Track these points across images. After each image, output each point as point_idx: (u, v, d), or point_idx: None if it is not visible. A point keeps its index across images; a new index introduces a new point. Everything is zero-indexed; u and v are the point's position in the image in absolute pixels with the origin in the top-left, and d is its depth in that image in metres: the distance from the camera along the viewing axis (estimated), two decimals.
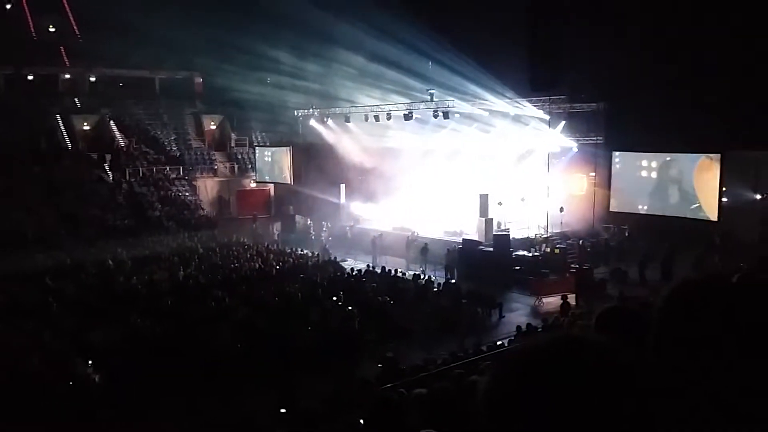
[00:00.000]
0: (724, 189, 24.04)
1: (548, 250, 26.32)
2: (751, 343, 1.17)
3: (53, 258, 27.56)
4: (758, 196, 27.33)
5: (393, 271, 24.35)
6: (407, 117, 31.42)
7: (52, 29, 51.35)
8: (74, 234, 32.93)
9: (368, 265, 26.75)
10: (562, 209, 28.03)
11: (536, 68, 32.24)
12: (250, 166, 44.80)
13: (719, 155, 23.76)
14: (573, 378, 1.02)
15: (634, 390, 1.04)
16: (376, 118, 32.85)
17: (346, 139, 36.35)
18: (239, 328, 17.21)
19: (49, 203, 35.82)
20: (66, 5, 51.80)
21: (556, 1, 33.92)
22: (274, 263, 26.97)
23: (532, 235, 28.04)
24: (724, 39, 26.41)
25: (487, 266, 24.76)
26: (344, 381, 12.90)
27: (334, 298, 20.27)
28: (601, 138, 28.22)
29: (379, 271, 24.98)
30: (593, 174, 28.75)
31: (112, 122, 44.44)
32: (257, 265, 26.31)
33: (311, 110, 38.23)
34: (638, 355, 1.13)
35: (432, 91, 30.93)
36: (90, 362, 15.04)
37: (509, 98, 29.41)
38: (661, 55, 28.61)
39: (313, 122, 38.14)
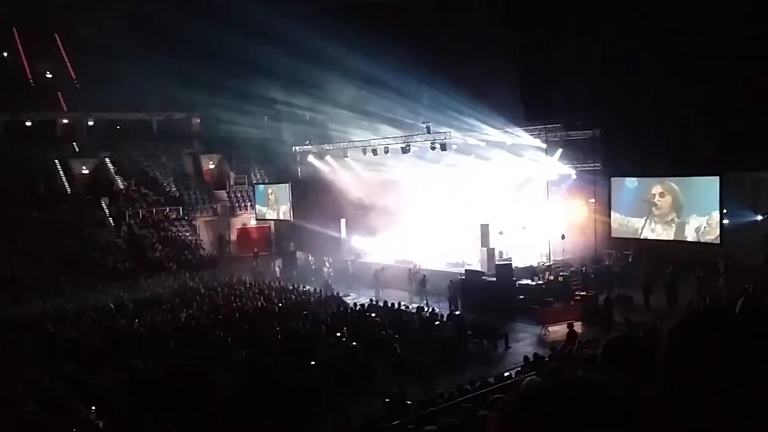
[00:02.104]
0: (725, 211, 23.99)
1: (552, 278, 26.17)
2: (758, 376, 1.18)
3: (53, 303, 27.44)
4: (759, 217, 27.27)
5: (396, 305, 24.20)
6: (405, 150, 31.53)
7: (49, 75, 51.86)
8: (74, 278, 32.84)
9: (371, 299, 26.61)
10: (563, 236, 27.97)
11: (530, 98, 32.55)
12: (249, 203, 44.87)
13: (717, 177, 23.77)
14: (578, 423, 1.05)
15: None
16: (374, 152, 32.96)
17: (344, 174, 36.45)
18: (242, 368, 17.02)
19: (49, 248, 35.79)
20: (62, 51, 52.38)
21: (547, 31, 34.39)
22: (277, 301, 26.83)
23: (534, 264, 27.91)
24: (718, 60, 26.62)
25: (491, 296, 24.58)
26: (350, 418, 12.73)
27: (338, 334, 20.11)
28: (598, 164, 28.26)
29: (382, 304, 24.83)
30: (593, 200, 28.74)
31: (110, 165, 44.65)
32: (259, 304, 26.16)
33: (309, 146, 38.39)
34: (642, 396, 1.15)
35: (428, 124, 31.06)
36: (93, 407, 14.85)
37: (505, 128, 29.54)
38: (655, 79, 28.82)
39: (311, 158, 38.28)
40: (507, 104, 30.35)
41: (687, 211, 24.78)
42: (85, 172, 44.26)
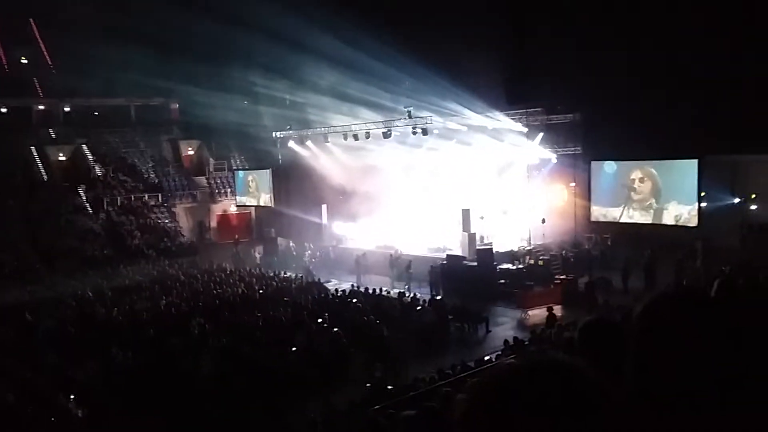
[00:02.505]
0: (702, 194, 24.21)
1: (532, 262, 26.32)
2: (732, 354, 1.19)
3: (32, 292, 27.16)
4: (737, 200, 27.56)
5: (378, 290, 24.22)
6: (386, 135, 31.43)
7: (24, 61, 51.03)
8: (53, 266, 32.51)
9: (353, 285, 26.59)
10: (543, 221, 28.10)
11: (511, 82, 32.56)
12: (229, 190, 44.60)
13: (695, 160, 23.92)
14: (543, 402, 1.04)
15: (602, 414, 1.06)
16: (355, 137, 32.83)
17: (325, 159, 36.28)
18: (223, 356, 16.96)
19: (27, 236, 35.37)
20: (38, 37, 51.54)
21: (529, 16, 34.38)
22: (257, 287, 26.73)
23: (515, 248, 28.04)
24: (696, 44, 26.74)
25: (472, 281, 24.68)
26: (332, 404, 12.74)
27: (320, 320, 20.09)
28: (579, 148, 28.35)
29: (363, 290, 24.84)
30: (573, 184, 28.87)
31: (88, 152, 44.11)
32: (240, 290, 26.05)
33: (289, 131, 38.14)
34: (611, 377, 1.13)
35: (410, 109, 30.97)
36: (72, 396, 14.73)
37: (486, 113, 29.53)
38: (634, 63, 28.94)
39: (291, 143, 38.05)
40: (488, 88, 30.32)
41: (665, 198, 24.95)
42: (62, 159, 43.71)
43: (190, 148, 48.01)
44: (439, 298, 23.88)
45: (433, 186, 32.27)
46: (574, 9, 31.12)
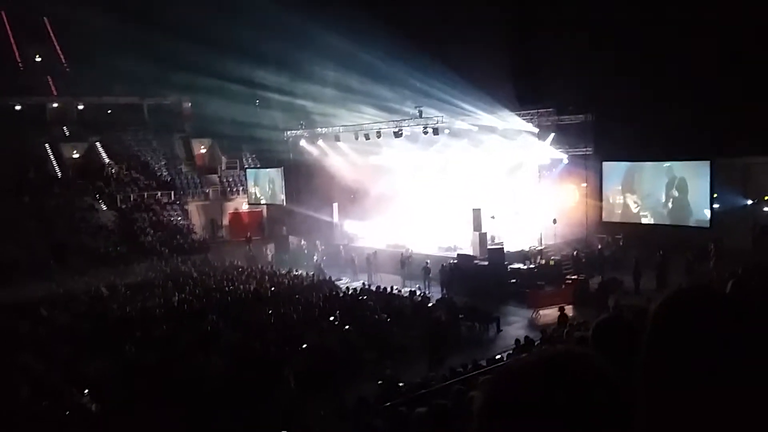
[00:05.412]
0: (715, 195, 24.12)
1: (543, 262, 26.29)
2: (742, 355, 1.19)
3: (45, 288, 27.36)
4: (749, 202, 27.44)
5: (389, 289, 24.26)
6: (397, 135, 31.44)
7: (38, 59, 51.34)
8: (66, 263, 32.73)
9: (363, 284, 26.64)
10: (555, 221, 28.06)
11: (522, 82, 32.50)
12: (241, 188, 44.75)
13: (708, 162, 23.84)
14: (560, 393, 1.04)
15: (618, 405, 1.07)
16: (366, 136, 32.85)
17: (337, 158, 36.36)
18: (235, 352, 17.06)
19: (41, 233, 35.61)
20: (52, 35, 51.86)
21: (539, 16, 34.32)
22: (269, 285, 26.85)
23: (526, 248, 28.00)
24: (709, 45, 26.63)
25: (483, 280, 24.71)
26: (343, 401, 12.82)
27: (331, 318, 20.17)
28: (590, 149, 28.28)
29: (374, 289, 24.88)
30: (584, 185, 28.80)
31: (101, 149, 44.37)
32: (252, 288, 26.19)
33: (301, 130, 38.22)
34: (625, 370, 1.15)
35: (421, 108, 30.97)
36: (86, 391, 14.87)
37: (497, 113, 29.49)
38: (646, 64, 28.82)
39: (303, 142, 38.14)
40: (499, 89, 30.27)
41: (678, 200, 24.90)
42: (76, 156, 43.98)
43: (202, 147, 48.22)
44: (449, 297, 23.87)
45: (444, 185, 32.25)
46: (586, 9, 31.02)
